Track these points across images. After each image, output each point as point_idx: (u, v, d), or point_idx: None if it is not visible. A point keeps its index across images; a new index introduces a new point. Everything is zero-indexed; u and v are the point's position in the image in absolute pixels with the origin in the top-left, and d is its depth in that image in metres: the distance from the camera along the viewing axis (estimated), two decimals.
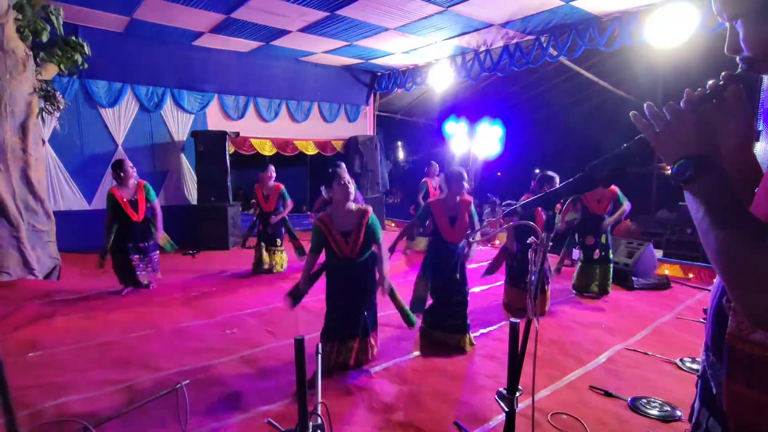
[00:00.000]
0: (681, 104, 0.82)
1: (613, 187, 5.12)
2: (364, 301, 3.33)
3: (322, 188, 3.28)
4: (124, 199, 5.06)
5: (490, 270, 4.66)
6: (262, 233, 6.28)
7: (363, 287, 3.33)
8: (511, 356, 1.43)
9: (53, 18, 5.45)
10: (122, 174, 5.07)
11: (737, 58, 0.83)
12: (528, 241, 1.37)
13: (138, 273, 5.26)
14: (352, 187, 3.21)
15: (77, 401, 2.89)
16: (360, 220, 3.19)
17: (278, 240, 6.33)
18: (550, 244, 1.28)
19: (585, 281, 5.36)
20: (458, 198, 3.79)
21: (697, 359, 3.59)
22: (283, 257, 6.46)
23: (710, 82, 0.82)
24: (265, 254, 6.28)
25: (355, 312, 3.31)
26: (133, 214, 5.10)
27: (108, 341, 3.90)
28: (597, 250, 5.26)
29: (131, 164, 5.24)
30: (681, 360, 3.59)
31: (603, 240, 5.26)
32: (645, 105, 0.86)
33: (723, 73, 0.82)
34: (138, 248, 5.25)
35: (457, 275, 3.81)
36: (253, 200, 6.36)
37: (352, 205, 3.24)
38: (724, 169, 0.77)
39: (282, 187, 6.19)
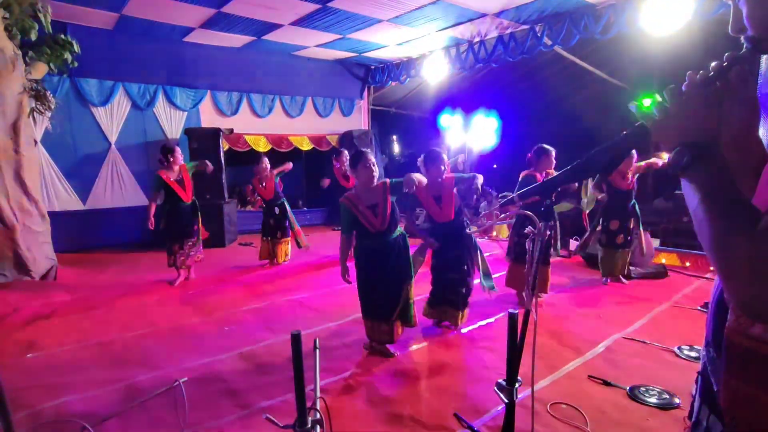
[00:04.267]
0: (683, 88, 0.79)
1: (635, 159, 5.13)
2: (403, 280, 3.40)
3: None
4: (171, 179, 5.22)
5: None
6: (265, 227, 6.37)
7: (399, 265, 3.39)
8: (510, 347, 1.42)
9: (41, 16, 5.37)
10: (171, 159, 5.26)
11: (741, 38, 0.80)
12: (525, 231, 1.36)
13: (181, 258, 5.40)
14: (376, 170, 3.32)
15: (76, 401, 2.88)
16: (383, 191, 3.31)
17: (279, 232, 6.38)
18: (549, 233, 1.27)
19: (608, 267, 5.36)
20: (440, 179, 3.84)
21: (695, 347, 3.60)
22: (287, 248, 6.54)
23: (713, 63, 0.79)
24: (270, 246, 6.38)
25: (394, 292, 3.38)
26: (182, 192, 5.27)
27: (106, 341, 3.88)
28: (621, 235, 5.22)
29: (180, 151, 5.46)
30: (679, 348, 3.60)
31: (630, 224, 5.22)
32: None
33: (727, 54, 0.79)
34: (190, 232, 5.40)
35: (455, 253, 3.90)
36: (250, 197, 6.42)
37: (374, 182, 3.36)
38: (723, 157, 0.75)
39: (275, 171, 6.33)
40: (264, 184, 6.27)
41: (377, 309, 3.39)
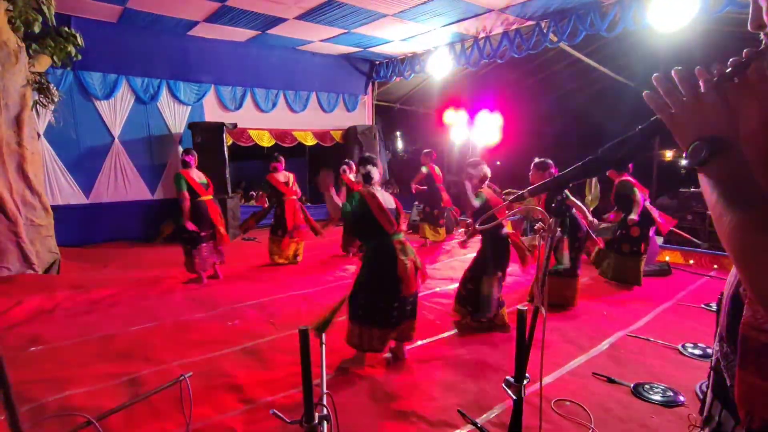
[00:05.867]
0: (700, 83, 0.78)
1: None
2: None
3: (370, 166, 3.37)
4: (197, 181, 5.34)
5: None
6: (282, 223, 6.24)
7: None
8: (519, 344, 1.41)
9: (45, 8, 5.34)
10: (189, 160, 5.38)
11: (761, 34, 0.80)
12: (535, 228, 1.35)
13: (204, 260, 5.45)
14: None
15: (80, 395, 2.89)
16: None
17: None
18: (558, 230, 1.25)
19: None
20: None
21: (699, 345, 3.60)
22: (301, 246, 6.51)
23: (732, 59, 0.78)
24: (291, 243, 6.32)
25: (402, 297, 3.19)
26: (204, 192, 5.37)
27: (110, 335, 3.89)
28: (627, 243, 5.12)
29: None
30: (683, 346, 3.59)
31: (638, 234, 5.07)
32: (659, 79, 0.83)
33: (745, 50, 0.78)
34: (210, 235, 5.44)
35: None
36: (260, 192, 6.41)
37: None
38: (741, 151, 0.74)
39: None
40: (286, 182, 6.29)
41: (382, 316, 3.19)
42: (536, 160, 4.50)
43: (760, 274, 0.66)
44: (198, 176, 5.42)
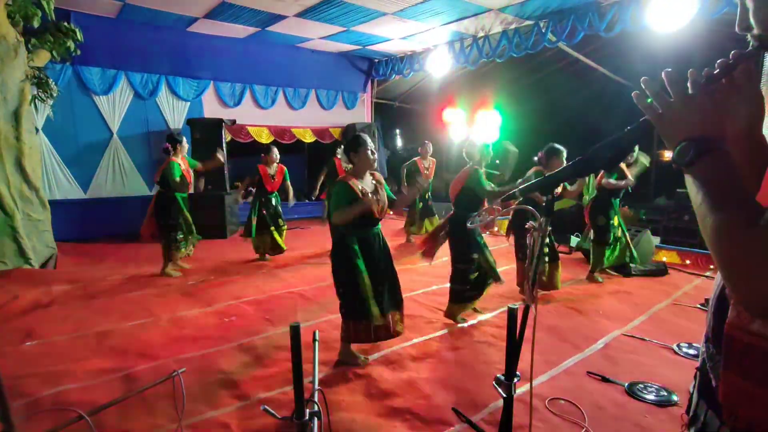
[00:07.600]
0: (687, 84, 0.79)
1: None
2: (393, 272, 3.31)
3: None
4: (184, 169, 5.29)
5: None
6: (266, 216, 6.17)
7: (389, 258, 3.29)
8: (510, 342, 1.42)
9: (44, 3, 5.33)
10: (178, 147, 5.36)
11: (748, 36, 0.80)
12: (527, 226, 1.35)
13: (180, 252, 5.42)
14: (375, 157, 3.20)
15: (74, 390, 2.89)
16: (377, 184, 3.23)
17: (281, 219, 6.30)
18: (549, 228, 1.26)
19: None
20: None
21: (694, 344, 3.61)
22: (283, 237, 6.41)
23: (719, 61, 0.79)
24: (276, 236, 6.23)
25: (390, 283, 3.26)
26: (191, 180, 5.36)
27: (105, 330, 3.89)
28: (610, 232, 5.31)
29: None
30: (678, 345, 3.60)
31: (615, 222, 5.30)
32: (647, 82, 0.83)
33: (733, 52, 0.79)
34: (187, 225, 5.38)
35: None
36: (247, 183, 6.34)
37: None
38: (728, 152, 0.75)
39: (285, 168, 6.25)
40: (273, 175, 6.17)
41: (380, 303, 3.16)
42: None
43: (743, 275, 0.66)
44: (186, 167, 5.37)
